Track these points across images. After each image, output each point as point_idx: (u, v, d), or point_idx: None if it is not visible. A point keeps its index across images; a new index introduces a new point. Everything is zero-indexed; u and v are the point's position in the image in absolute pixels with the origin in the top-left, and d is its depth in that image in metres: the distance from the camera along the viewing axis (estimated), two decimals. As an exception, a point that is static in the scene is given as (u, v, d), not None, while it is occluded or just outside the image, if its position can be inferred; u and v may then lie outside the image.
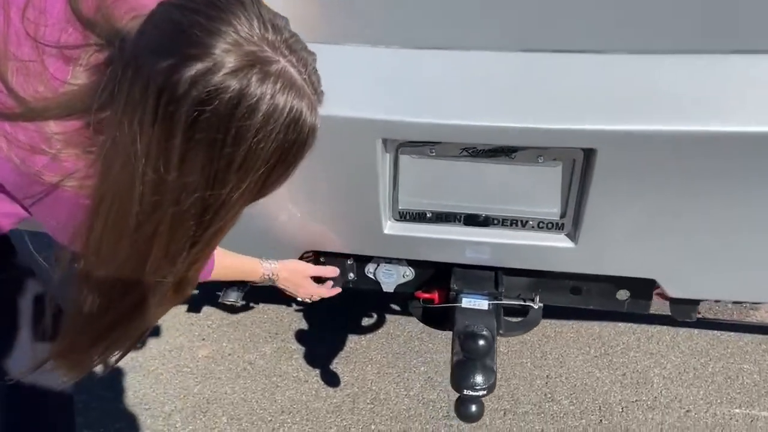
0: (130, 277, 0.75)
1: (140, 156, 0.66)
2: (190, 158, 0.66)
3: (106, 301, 0.78)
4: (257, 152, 0.67)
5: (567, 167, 1.23)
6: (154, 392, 2.01)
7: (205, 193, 0.68)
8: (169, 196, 0.68)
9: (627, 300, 1.47)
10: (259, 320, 2.30)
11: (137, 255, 0.73)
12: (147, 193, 0.68)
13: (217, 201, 0.69)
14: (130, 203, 0.69)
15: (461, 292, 1.39)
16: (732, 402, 1.97)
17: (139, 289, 0.77)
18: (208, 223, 0.71)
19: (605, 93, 1.13)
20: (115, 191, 0.70)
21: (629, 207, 1.22)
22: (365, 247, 1.42)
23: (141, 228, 0.70)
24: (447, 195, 1.31)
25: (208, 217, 0.71)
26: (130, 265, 0.74)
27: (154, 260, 0.73)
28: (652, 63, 1.12)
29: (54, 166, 0.73)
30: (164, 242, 0.71)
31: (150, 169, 0.66)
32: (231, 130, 0.64)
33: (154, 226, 0.70)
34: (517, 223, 1.31)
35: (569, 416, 1.92)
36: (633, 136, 1.10)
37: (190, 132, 0.64)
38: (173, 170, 0.66)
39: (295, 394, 2.00)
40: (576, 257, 1.32)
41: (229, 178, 0.68)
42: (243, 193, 0.70)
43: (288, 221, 1.37)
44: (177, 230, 0.71)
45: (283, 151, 0.69)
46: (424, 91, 1.19)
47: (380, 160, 1.24)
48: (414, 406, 1.96)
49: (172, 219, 0.70)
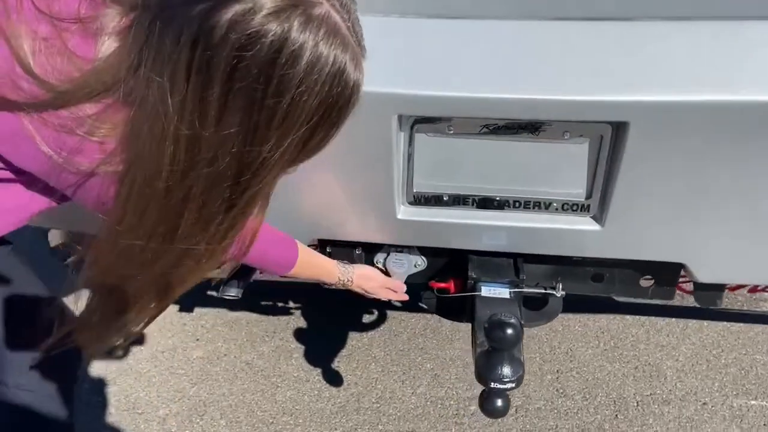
0: (161, 244, 0.69)
1: (172, 114, 0.60)
2: (229, 111, 0.60)
3: (137, 269, 0.72)
4: (300, 106, 0.60)
5: (594, 144, 1.16)
6: (147, 396, 1.90)
7: (242, 151, 0.62)
8: (203, 156, 0.62)
9: (651, 287, 1.40)
10: (255, 319, 2.20)
11: (168, 221, 0.67)
12: (179, 153, 0.62)
13: (255, 161, 0.63)
14: (159, 166, 0.63)
15: (480, 280, 1.31)
16: (748, 393, 1.91)
17: (170, 257, 0.70)
18: (244, 186, 0.65)
19: (638, 62, 1.06)
20: (143, 155, 0.63)
21: (661, 186, 1.15)
22: (377, 234, 1.33)
23: (172, 192, 0.64)
24: (465, 176, 1.23)
25: (245, 178, 0.64)
26: (161, 232, 0.68)
27: (186, 226, 0.67)
28: (691, 29, 1.05)
29: (89, 150, 0.66)
30: (197, 206, 0.65)
31: (184, 127, 0.60)
32: (273, 80, 0.59)
33: (187, 189, 0.64)
34: (540, 205, 1.24)
35: (583, 412, 1.85)
36: (669, 108, 1.03)
37: (228, 82, 0.58)
38: (210, 126, 0.60)
39: (296, 394, 1.90)
40: (602, 241, 1.25)
41: (270, 134, 0.61)
42: (283, 154, 0.64)
43: (293, 208, 1.28)
44: (211, 193, 0.65)
45: (327, 108, 0.63)
46: (443, 63, 1.10)
47: (395, 139, 1.16)
48: (422, 405, 1.87)
49: (206, 181, 0.63)
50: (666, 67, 1.05)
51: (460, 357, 2.04)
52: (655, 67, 1.05)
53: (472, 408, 1.86)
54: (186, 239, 0.68)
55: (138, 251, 0.70)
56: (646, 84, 1.04)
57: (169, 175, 0.63)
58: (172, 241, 0.68)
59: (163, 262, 0.71)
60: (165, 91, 0.59)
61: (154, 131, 0.61)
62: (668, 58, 1.06)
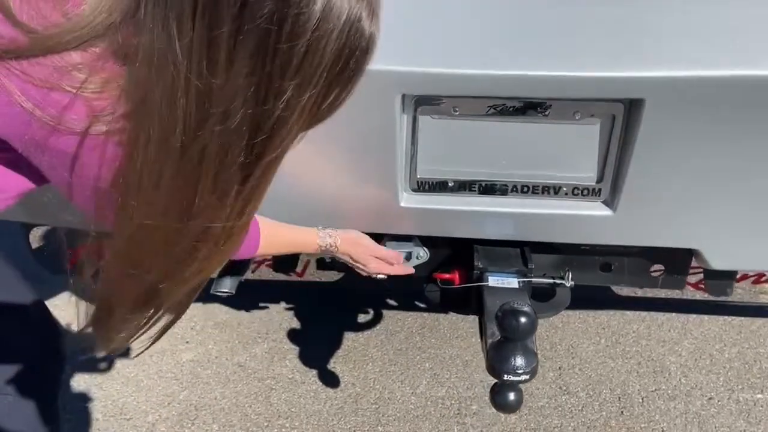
0: (176, 223, 0.62)
1: (181, 60, 0.54)
2: (240, 55, 0.54)
3: (150, 256, 0.65)
4: (316, 53, 0.55)
5: (606, 125, 1.11)
6: (135, 401, 1.82)
7: (256, 107, 0.56)
8: (215, 110, 0.56)
9: (661, 276, 1.36)
10: (246, 320, 2.13)
11: (182, 193, 0.60)
12: (191, 107, 0.56)
13: (269, 118, 0.57)
14: (173, 122, 0.56)
15: (486, 270, 1.26)
16: (753, 387, 1.88)
17: (187, 239, 0.64)
18: (260, 149, 0.59)
19: (654, 35, 1.02)
20: (153, 110, 0.57)
21: (676, 168, 1.10)
22: (378, 223, 1.27)
23: (186, 154, 0.58)
24: (471, 161, 1.18)
25: (260, 138, 0.58)
26: (175, 207, 0.61)
27: (202, 196, 0.60)
28: None
29: (79, 106, 0.58)
30: (212, 173, 0.59)
31: (194, 76, 0.54)
32: (287, 20, 0.53)
33: (201, 150, 0.58)
34: (549, 190, 1.19)
35: (588, 409, 1.80)
36: (687, 84, 0.99)
37: (237, 20, 0.52)
38: (220, 74, 0.54)
39: (292, 396, 1.83)
40: (613, 227, 1.20)
41: (284, 86, 0.56)
42: (300, 113, 0.58)
43: (289, 196, 1.22)
44: (225, 156, 0.58)
45: (344, 60, 0.57)
46: (449, 39, 1.06)
47: (398, 122, 1.10)
48: (422, 405, 1.81)
49: (219, 140, 0.57)
50: (684, 40, 1.01)
51: (460, 355, 1.98)
52: (672, 40, 1.01)
53: (473, 407, 1.80)
54: (203, 214, 0.62)
55: (152, 235, 0.63)
56: (662, 59, 1.00)
57: (183, 132, 0.57)
58: (189, 216, 0.62)
59: (179, 248, 0.65)
60: (171, 35, 0.53)
61: (163, 82, 0.55)
62: (686, 31, 1.01)
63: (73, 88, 0.57)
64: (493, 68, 1.03)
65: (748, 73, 0.97)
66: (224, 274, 1.42)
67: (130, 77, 0.57)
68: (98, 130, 0.59)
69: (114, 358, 1.94)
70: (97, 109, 0.58)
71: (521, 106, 1.10)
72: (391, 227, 1.28)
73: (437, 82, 1.05)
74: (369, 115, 1.10)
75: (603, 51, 1.02)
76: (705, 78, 0.98)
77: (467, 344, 2.03)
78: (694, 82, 0.98)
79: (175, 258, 0.66)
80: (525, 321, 0.99)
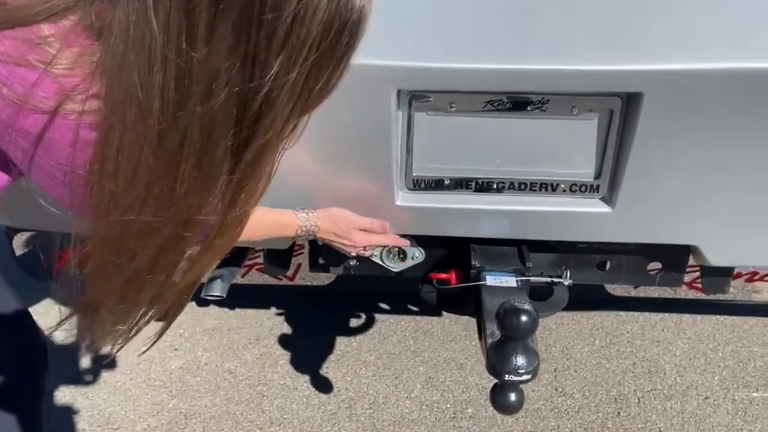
0: (159, 208, 0.59)
1: (157, 34, 0.50)
2: (220, 27, 0.50)
3: (132, 242, 0.61)
4: (302, 24, 0.52)
5: (603, 120, 1.10)
6: (123, 410, 1.77)
7: (241, 84, 0.52)
8: (196, 88, 0.52)
9: (659, 274, 1.34)
10: (236, 326, 2.09)
11: (164, 174, 0.56)
12: (169, 83, 0.52)
13: (256, 97, 0.54)
14: (150, 100, 0.53)
15: (484, 269, 1.24)
16: (749, 386, 1.87)
17: (169, 226, 0.60)
18: (248, 132, 0.55)
19: (653, 28, 1.00)
20: (130, 88, 0.53)
21: (674, 163, 1.09)
22: (373, 223, 1.24)
23: (165, 136, 0.54)
24: (468, 158, 1.16)
25: (248, 120, 0.54)
26: (155, 194, 0.58)
27: (184, 182, 0.56)
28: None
29: (48, 83, 0.55)
30: (193, 157, 0.55)
31: (172, 50, 0.51)
32: None
33: (182, 131, 0.54)
34: (547, 187, 1.17)
35: (584, 410, 1.78)
36: (687, 77, 0.98)
37: None
38: (200, 47, 0.51)
39: (284, 402, 1.80)
40: (611, 224, 1.18)
41: (270, 61, 0.52)
42: (290, 93, 0.55)
43: (281, 195, 1.19)
44: (209, 139, 0.55)
45: (334, 34, 0.54)
46: (444, 34, 1.04)
47: (394, 119, 1.08)
48: (417, 409, 1.78)
49: (202, 121, 0.53)
50: (683, 32, 0.99)
51: (454, 358, 1.96)
52: (671, 33, 1.00)
53: (469, 410, 1.78)
54: (185, 201, 0.58)
55: (133, 221, 0.59)
56: (661, 52, 0.99)
57: (160, 111, 0.53)
58: (170, 203, 0.58)
59: (162, 236, 0.61)
60: (147, 5, 0.50)
61: (139, 57, 0.52)
62: (685, 23, 1.00)
63: (42, 63, 0.54)
64: (490, 62, 1.02)
65: (747, 65, 0.96)
66: (215, 277, 1.39)
67: (104, 53, 0.54)
68: (69, 110, 0.55)
69: (101, 367, 1.90)
70: (67, 87, 0.55)
71: (518, 101, 1.08)
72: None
73: (433, 77, 1.03)
74: (364, 112, 1.07)
75: (601, 44, 1.01)
76: (704, 71, 0.97)
77: (461, 347, 2.00)
78: (694, 75, 0.97)
79: (158, 247, 0.62)
80: (526, 319, 0.97)
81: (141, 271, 0.64)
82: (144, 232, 0.60)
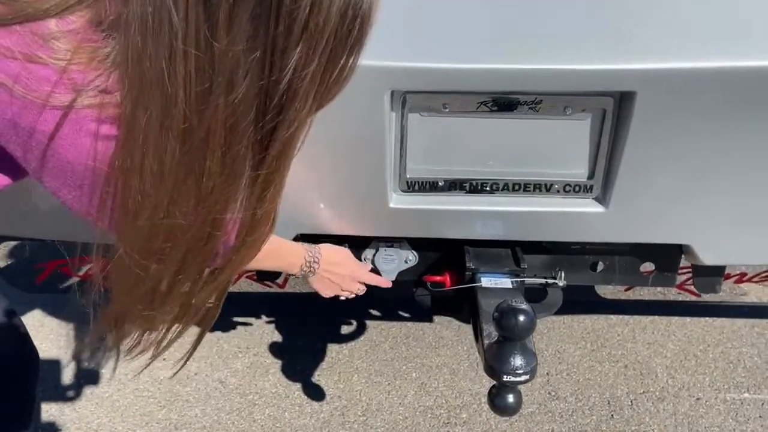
0: (185, 209, 0.58)
1: (177, 24, 0.50)
2: (240, 17, 0.50)
3: (161, 245, 0.60)
4: (320, 12, 0.52)
5: (596, 120, 1.10)
6: (111, 422, 1.74)
7: (263, 75, 0.53)
8: (218, 79, 0.52)
9: (652, 274, 1.35)
10: (226, 335, 2.06)
11: (191, 169, 0.56)
12: (191, 76, 0.52)
13: (279, 87, 0.54)
14: (175, 93, 0.52)
15: (478, 271, 1.23)
16: (739, 387, 1.88)
17: (197, 224, 0.59)
18: (272, 124, 0.55)
19: (646, 27, 1.01)
20: (152, 82, 0.52)
21: (668, 163, 1.10)
22: (366, 226, 1.23)
23: (191, 129, 0.54)
24: (461, 159, 1.16)
25: (271, 113, 0.54)
26: (183, 192, 0.57)
27: (210, 177, 0.56)
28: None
29: (61, 79, 0.54)
30: (220, 148, 0.55)
31: (192, 41, 0.51)
32: None
33: (206, 125, 0.53)
34: (541, 187, 1.17)
35: (578, 413, 1.78)
36: (680, 76, 0.98)
37: None
38: (221, 37, 0.50)
39: (276, 411, 1.77)
40: (605, 224, 1.18)
41: (290, 51, 0.52)
42: (311, 83, 0.55)
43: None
44: (234, 132, 0.54)
45: (349, 21, 0.54)
46: (438, 34, 1.03)
47: (387, 120, 1.07)
48: (411, 415, 1.77)
49: (225, 113, 0.53)
50: (675, 31, 1.00)
51: (447, 364, 1.95)
52: (664, 31, 1.00)
53: (463, 416, 1.77)
54: (213, 197, 0.57)
55: (160, 222, 0.59)
56: (654, 50, 0.99)
57: (185, 103, 0.52)
58: (198, 200, 0.57)
59: (191, 234, 0.60)
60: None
61: (159, 50, 0.51)
62: (678, 22, 1.01)
63: (53, 60, 0.53)
64: (483, 62, 1.02)
65: (741, 64, 0.97)
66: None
67: (122, 46, 0.53)
68: (85, 104, 0.54)
69: (88, 378, 1.86)
70: (81, 82, 0.54)
71: (511, 102, 1.08)
72: (380, 229, 1.25)
73: (427, 78, 1.03)
74: (357, 113, 1.07)
75: (593, 43, 1.01)
76: (697, 70, 0.98)
77: (453, 352, 1.99)
78: (687, 74, 0.98)
79: (187, 247, 0.61)
80: (524, 319, 0.96)
81: (169, 274, 0.63)
82: (172, 233, 0.60)
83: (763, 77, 0.97)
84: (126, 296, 0.66)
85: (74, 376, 1.88)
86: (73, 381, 1.86)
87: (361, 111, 1.06)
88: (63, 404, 1.78)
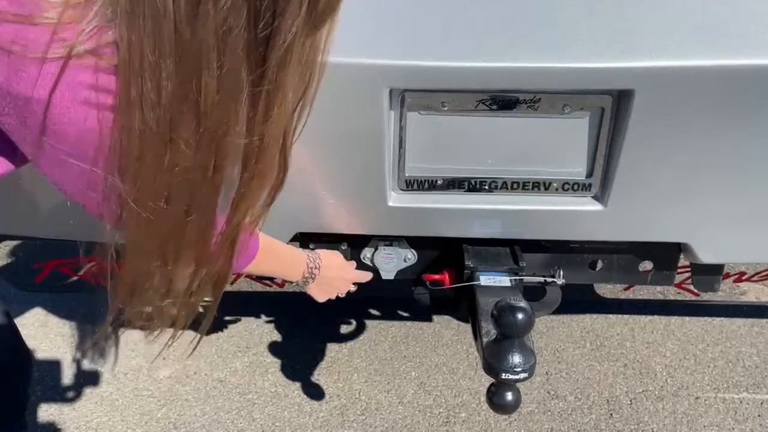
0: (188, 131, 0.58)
1: None
2: None
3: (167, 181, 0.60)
4: None
5: (594, 118, 1.11)
6: (110, 421, 1.74)
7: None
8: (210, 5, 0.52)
9: (651, 272, 1.35)
10: (225, 334, 2.06)
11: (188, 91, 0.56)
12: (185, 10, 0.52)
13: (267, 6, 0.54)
14: (162, 11, 0.53)
15: (477, 269, 1.23)
16: (738, 386, 1.88)
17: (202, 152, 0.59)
18: (265, 33, 0.55)
19: (644, 25, 1.01)
20: (140, 3, 0.53)
21: (666, 161, 1.10)
22: (365, 224, 1.23)
23: (183, 44, 0.54)
24: (460, 157, 1.16)
25: (262, 19, 0.54)
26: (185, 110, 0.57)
27: (208, 101, 0.56)
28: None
29: (54, 40, 0.54)
30: (215, 60, 0.55)
31: None
32: None
33: (198, 41, 0.54)
34: (539, 186, 1.17)
35: (577, 412, 1.78)
36: (679, 74, 0.98)
37: None
38: None
39: (275, 410, 1.77)
40: (604, 222, 1.19)
41: None
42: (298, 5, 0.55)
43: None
44: (226, 42, 0.54)
45: None
46: (437, 32, 1.04)
47: (386, 119, 1.08)
48: (410, 414, 1.77)
49: (216, 21, 0.53)
50: (674, 29, 1.00)
51: (446, 363, 1.95)
52: (662, 29, 1.01)
53: (462, 415, 1.77)
54: (214, 116, 0.57)
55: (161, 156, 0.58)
56: (652, 48, 0.99)
57: (175, 15, 0.52)
58: (198, 122, 0.56)
59: (196, 164, 0.59)
60: None
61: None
62: (676, 20, 1.01)
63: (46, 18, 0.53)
64: (482, 61, 1.02)
65: (739, 63, 0.97)
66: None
67: None
68: (82, 50, 0.54)
69: (87, 377, 1.86)
70: (72, 39, 0.54)
71: (510, 100, 1.08)
72: (379, 228, 1.25)
73: (425, 76, 1.03)
74: (355, 111, 1.07)
75: (592, 42, 1.01)
76: (695, 68, 0.98)
77: (453, 352, 1.99)
78: (685, 72, 0.98)
79: (194, 181, 0.60)
80: (522, 316, 0.96)
81: (179, 214, 0.62)
82: (178, 165, 0.59)
83: (761, 75, 0.97)
84: (139, 255, 0.66)
85: (73, 376, 1.88)
86: (72, 380, 1.87)
87: (359, 109, 1.06)
88: (62, 403, 1.78)
